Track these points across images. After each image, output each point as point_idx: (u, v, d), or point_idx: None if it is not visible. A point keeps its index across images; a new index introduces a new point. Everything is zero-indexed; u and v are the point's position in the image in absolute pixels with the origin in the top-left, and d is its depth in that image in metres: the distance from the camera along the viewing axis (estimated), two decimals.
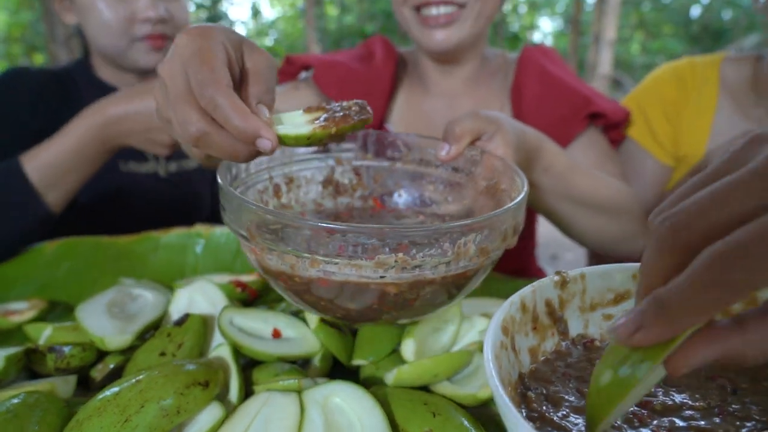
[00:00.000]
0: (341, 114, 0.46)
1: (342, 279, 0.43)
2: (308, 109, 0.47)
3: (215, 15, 9.65)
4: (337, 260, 0.42)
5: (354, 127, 0.46)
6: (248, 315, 0.55)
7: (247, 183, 0.57)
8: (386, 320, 0.50)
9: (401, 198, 0.67)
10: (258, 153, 0.45)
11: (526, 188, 0.50)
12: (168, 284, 0.75)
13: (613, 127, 1.02)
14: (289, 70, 1.06)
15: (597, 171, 0.87)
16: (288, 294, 0.49)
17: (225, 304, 0.57)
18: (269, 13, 13.17)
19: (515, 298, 0.39)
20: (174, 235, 0.83)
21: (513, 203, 0.47)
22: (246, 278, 0.72)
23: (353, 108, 0.47)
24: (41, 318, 0.67)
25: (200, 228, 0.86)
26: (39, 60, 9.13)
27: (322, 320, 0.56)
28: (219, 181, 0.47)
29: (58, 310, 0.72)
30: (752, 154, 0.27)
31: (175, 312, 0.57)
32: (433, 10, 0.89)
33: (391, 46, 1.09)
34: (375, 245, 0.41)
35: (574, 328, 0.43)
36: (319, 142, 0.46)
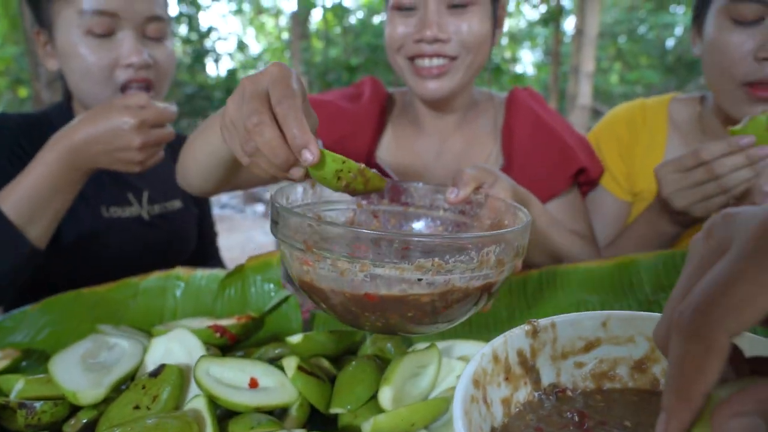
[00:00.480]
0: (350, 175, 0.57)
1: (385, 292, 0.50)
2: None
3: (202, 49, 9.74)
4: (383, 264, 0.48)
5: (374, 181, 0.58)
6: (225, 365, 0.55)
7: None
8: (417, 330, 0.55)
9: None
10: (291, 165, 0.54)
11: (530, 217, 0.58)
12: (147, 329, 0.74)
13: (590, 183, 1.09)
14: None
15: (569, 228, 0.98)
16: (333, 308, 0.55)
17: (202, 353, 0.57)
18: (255, 47, 13.33)
19: (486, 349, 0.40)
20: (153, 278, 0.83)
21: (522, 224, 0.55)
22: (225, 322, 0.71)
23: (363, 172, 0.58)
24: (15, 367, 0.66)
25: (180, 270, 0.85)
26: (23, 94, 9.11)
27: (300, 368, 0.56)
28: (275, 203, 0.55)
29: (33, 358, 0.71)
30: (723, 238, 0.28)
31: (151, 362, 0.57)
32: (426, 62, 0.94)
33: (380, 85, 1.13)
34: (415, 251, 0.48)
35: (547, 377, 0.43)
36: (347, 175, 0.56)
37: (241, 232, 5.86)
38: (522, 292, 0.81)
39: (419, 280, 0.49)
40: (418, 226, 0.73)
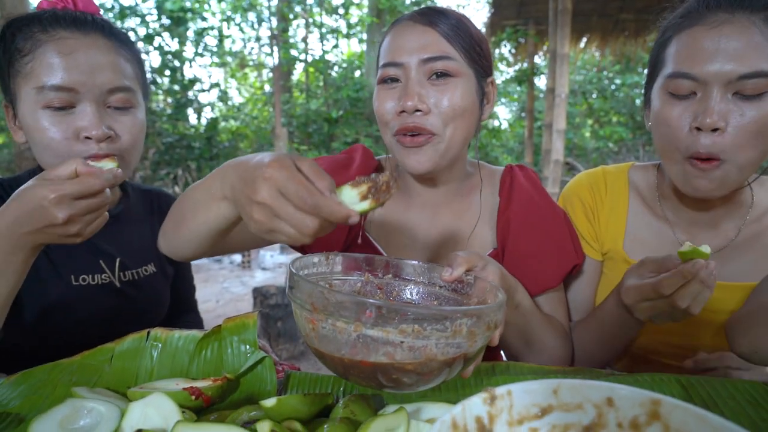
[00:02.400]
0: (383, 187, 0.67)
1: (375, 360, 0.59)
2: (353, 184, 0.67)
3: (185, 100, 9.86)
4: (371, 327, 0.57)
5: (387, 199, 0.68)
6: (200, 429, 0.57)
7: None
8: (402, 390, 0.64)
9: None
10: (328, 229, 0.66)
11: (505, 297, 0.68)
12: (122, 391, 0.76)
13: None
14: None
15: (549, 318, 1.05)
16: (335, 368, 0.64)
17: (177, 418, 0.59)
18: (237, 98, 13.54)
19: (446, 417, 0.43)
20: (129, 341, 0.84)
21: (493, 303, 0.65)
22: (201, 384, 0.73)
23: (390, 182, 0.67)
24: None
25: (158, 331, 0.87)
26: (0, 140, 9.08)
27: None
28: (292, 270, 0.65)
29: (8, 421, 0.72)
30: None
31: (128, 427, 0.59)
32: (409, 134, 0.97)
33: (370, 155, 1.15)
34: (399, 317, 0.58)
35: None
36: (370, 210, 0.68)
37: (217, 283, 5.81)
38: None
39: (401, 342, 0.58)
40: (416, 298, 0.83)
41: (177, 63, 9.86)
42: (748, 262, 1.05)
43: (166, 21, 9.52)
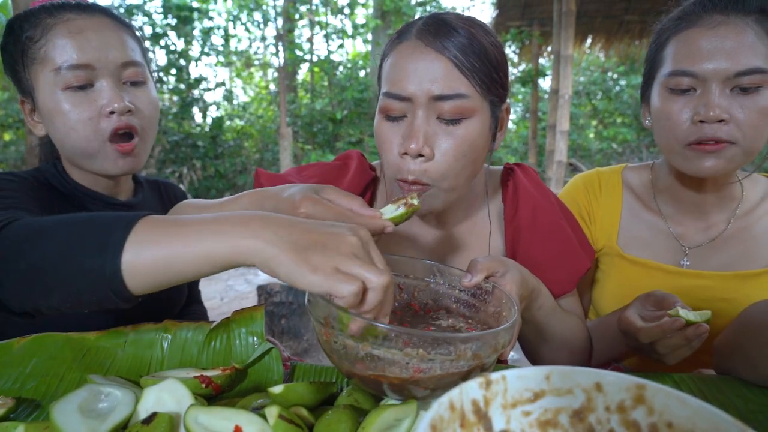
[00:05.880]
0: (413, 201, 0.76)
1: (380, 373, 0.61)
2: (392, 202, 0.77)
3: (190, 99, 9.91)
4: (379, 347, 0.59)
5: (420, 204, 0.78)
6: (212, 413, 0.60)
7: None
8: (408, 395, 0.66)
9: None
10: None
11: (514, 319, 0.69)
12: (134, 379, 0.79)
13: None
14: (258, 180, 1.07)
15: (569, 312, 1.05)
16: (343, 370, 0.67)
17: (191, 402, 0.62)
18: (243, 97, 13.60)
19: (444, 398, 0.46)
20: (143, 330, 0.87)
21: (497, 328, 0.64)
22: (211, 373, 0.76)
23: (416, 197, 0.78)
24: (7, 416, 0.70)
25: (168, 323, 0.90)
26: (7, 137, 9.15)
27: (281, 416, 0.61)
28: None
29: (24, 406, 0.75)
30: None
31: (143, 410, 0.62)
32: (409, 177, 0.88)
33: (365, 164, 1.09)
34: (405, 341, 0.60)
35: (498, 424, 0.49)
36: (405, 219, 0.77)
37: (222, 281, 5.84)
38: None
39: (407, 363, 0.60)
40: (431, 302, 0.86)
41: (183, 62, 9.93)
42: (736, 253, 1.11)
43: (172, 20, 9.59)
